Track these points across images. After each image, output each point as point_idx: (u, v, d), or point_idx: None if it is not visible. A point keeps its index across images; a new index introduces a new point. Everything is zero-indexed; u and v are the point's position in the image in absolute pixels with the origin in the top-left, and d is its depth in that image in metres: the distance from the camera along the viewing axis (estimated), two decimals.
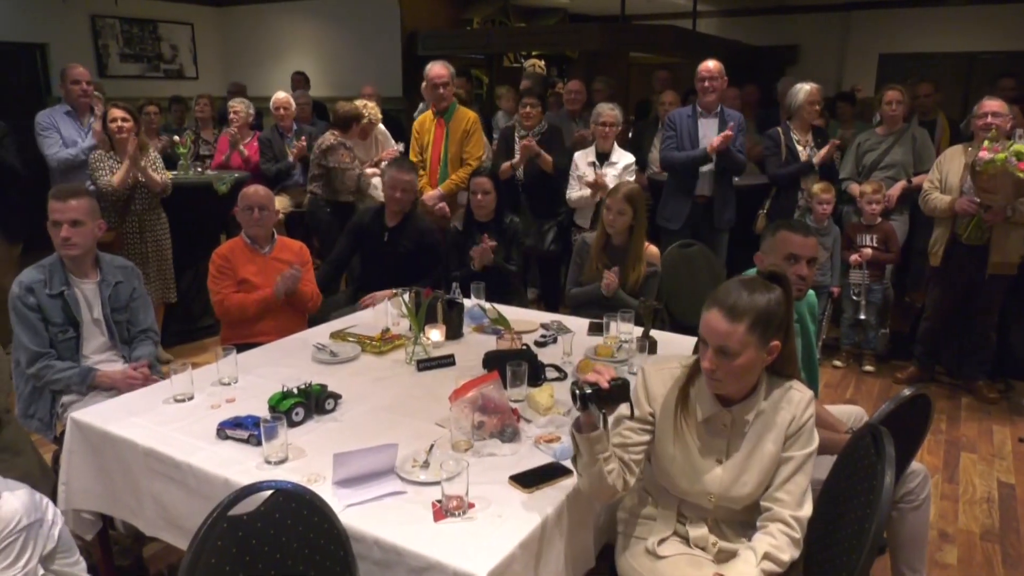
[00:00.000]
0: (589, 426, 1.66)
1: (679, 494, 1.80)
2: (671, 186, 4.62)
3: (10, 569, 1.52)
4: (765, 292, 1.66)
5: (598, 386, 1.62)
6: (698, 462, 1.75)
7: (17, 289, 2.60)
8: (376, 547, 1.62)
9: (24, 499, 1.56)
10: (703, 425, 1.75)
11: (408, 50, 7.80)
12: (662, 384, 1.79)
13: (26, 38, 7.37)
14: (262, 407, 2.14)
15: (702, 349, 1.70)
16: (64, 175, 4.36)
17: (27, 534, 1.54)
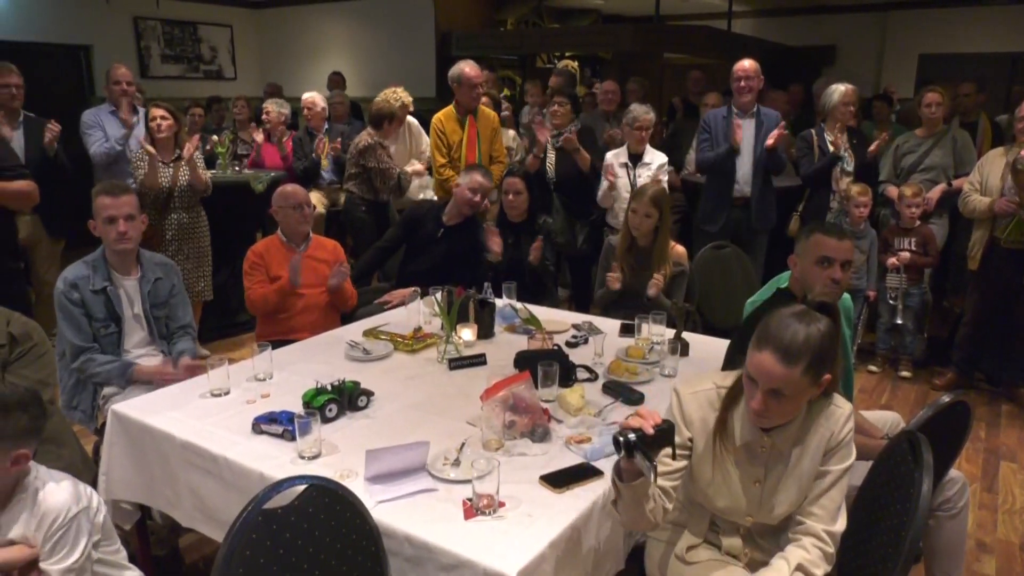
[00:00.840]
0: (632, 474, 1.54)
1: (715, 512, 1.78)
2: (709, 189, 4.59)
3: (67, 559, 1.57)
4: (819, 328, 1.57)
5: (642, 432, 1.48)
6: (736, 485, 1.72)
7: (62, 285, 2.68)
8: (407, 543, 1.63)
9: (70, 489, 1.61)
10: (741, 449, 1.71)
11: (442, 50, 7.85)
12: (698, 408, 1.74)
13: (71, 40, 7.57)
14: (296, 403, 2.17)
15: (748, 386, 1.62)
16: (107, 170, 4.47)
17: (77, 523, 1.58)
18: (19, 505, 1.58)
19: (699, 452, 1.73)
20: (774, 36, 8.82)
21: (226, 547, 1.50)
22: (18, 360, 2.19)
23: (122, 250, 2.71)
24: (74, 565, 1.58)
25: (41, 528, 1.55)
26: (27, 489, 1.59)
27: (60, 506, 1.57)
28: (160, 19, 8.24)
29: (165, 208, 4.22)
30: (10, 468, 1.54)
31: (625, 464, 1.53)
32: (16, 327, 2.21)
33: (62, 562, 1.56)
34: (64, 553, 1.57)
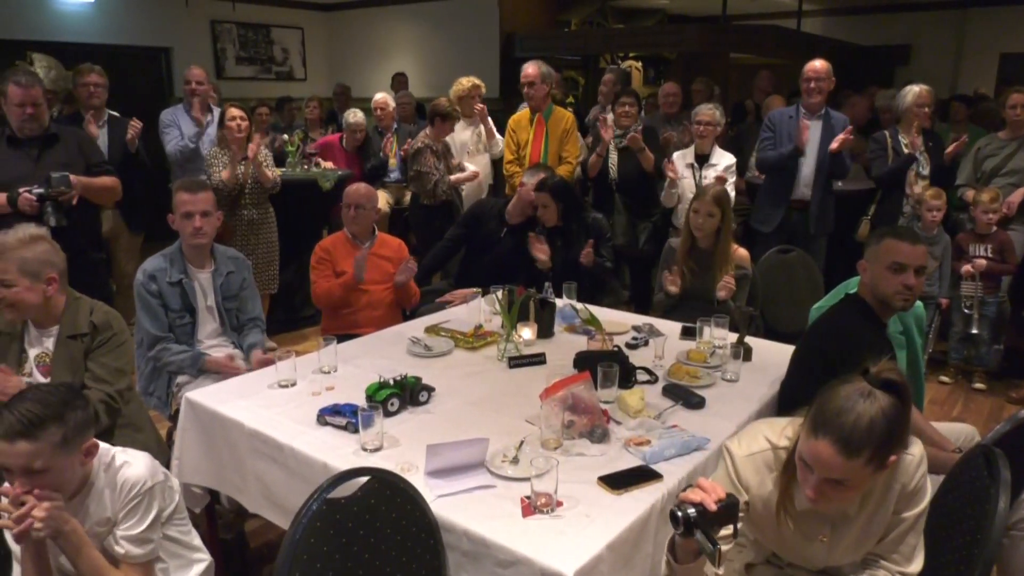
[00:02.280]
0: (688, 553, 1.43)
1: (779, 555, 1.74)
2: (766, 188, 4.49)
3: (135, 528, 1.64)
4: (883, 409, 1.41)
5: (703, 507, 1.36)
6: (799, 543, 1.65)
7: (141, 276, 2.81)
8: (465, 538, 1.66)
9: (147, 464, 1.68)
10: (803, 513, 1.61)
11: (506, 51, 7.89)
12: (755, 473, 1.62)
13: (152, 43, 7.90)
14: (359, 396, 2.22)
15: (802, 471, 1.49)
16: (183, 167, 4.65)
17: (151, 495, 1.65)
18: (102, 487, 1.65)
19: (758, 514, 1.65)
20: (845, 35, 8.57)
21: (292, 533, 1.55)
22: (99, 348, 2.28)
23: (197, 244, 2.83)
24: (140, 535, 1.64)
25: (117, 498, 1.62)
26: (109, 470, 1.66)
27: (136, 478, 1.64)
28: (235, 22, 8.52)
29: (236, 204, 4.37)
30: (85, 460, 1.60)
31: (682, 542, 1.41)
32: (98, 316, 2.31)
33: (129, 530, 1.63)
34: (133, 522, 1.63)
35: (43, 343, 2.28)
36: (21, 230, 2.23)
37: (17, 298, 2.16)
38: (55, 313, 2.26)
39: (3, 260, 2.14)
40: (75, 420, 1.53)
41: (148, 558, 1.68)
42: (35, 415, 1.48)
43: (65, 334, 2.26)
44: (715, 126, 4.37)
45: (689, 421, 2.13)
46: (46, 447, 1.48)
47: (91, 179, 3.39)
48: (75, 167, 3.34)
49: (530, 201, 3.71)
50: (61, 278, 2.26)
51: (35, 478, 1.50)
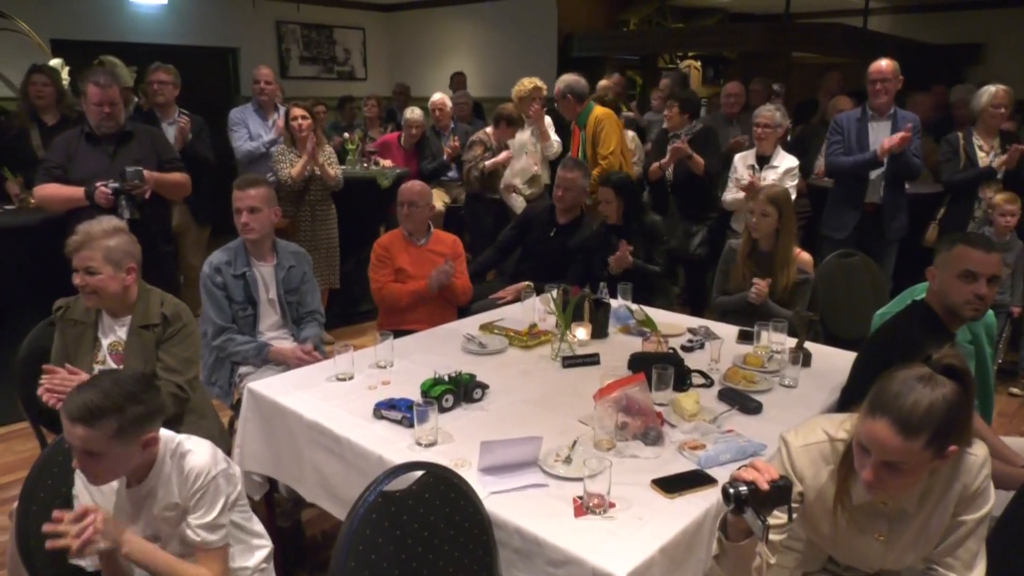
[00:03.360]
0: (739, 530, 1.43)
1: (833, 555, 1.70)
2: (837, 194, 4.38)
3: (206, 515, 1.70)
4: (944, 394, 1.39)
5: (755, 485, 1.36)
6: (855, 540, 1.61)
7: (207, 269, 2.90)
8: (517, 536, 1.67)
9: (210, 452, 1.73)
10: (859, 507, 1.58)
11: (564, 51, 7.88)
12: (810, 464, 1.60)
13: (220, 43, 8.15)
14: (415, 391, 2.25)
15: (860, 454, 1.47)
16: (248, 166, 4.79)
17: (216, 483, 1.70)
18: (169, 472, 1.71)
19: (812, 506, 1.62)
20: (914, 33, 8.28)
21: (349, 524, 1.59)
22: (170, 339, 2.37)
23: (248, 239, 2.91)
24: (212, 522, 1.69)
25: (184, 487, 1.68)
26: (174, 456, 1.72)
27: (201, 467, 1.69)
28: (300, 23, 8.72)
29: (301, 201, 4.47)
30: (143, 454, 1.65)
31: (733, 519, 1.42)
32: (168, 308, 2.39)
33: (202, 518, 1.68)
34: (203, 510, 1.68)
35: (116, 332, 2.38)
36: (105, 221, 2.33)
37: (100, 285, 2.25)
38: (129, 303, 2.36)
39: (89, 248, 2.23)
40: (134, 414, 1.57)
41: (222, 543, 1.73)
42: (95, 405, 1.53)
43: (137, 324, 2.34)
44: (776, 127, 4.29)
45: (745, 426, 2.10)
46: (101, 435, 1.53)
47: (163, 175, 3.52)
48: (148, 163, 3.48)
49: (557, 198, 3.73)
50: (138, 269, 2.35)
51: (92, 459, 1.56)
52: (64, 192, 3.36)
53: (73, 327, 2.37)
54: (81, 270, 2.25)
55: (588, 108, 4.62)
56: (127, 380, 1.62)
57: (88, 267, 2.24)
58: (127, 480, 1.72)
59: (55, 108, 4.30)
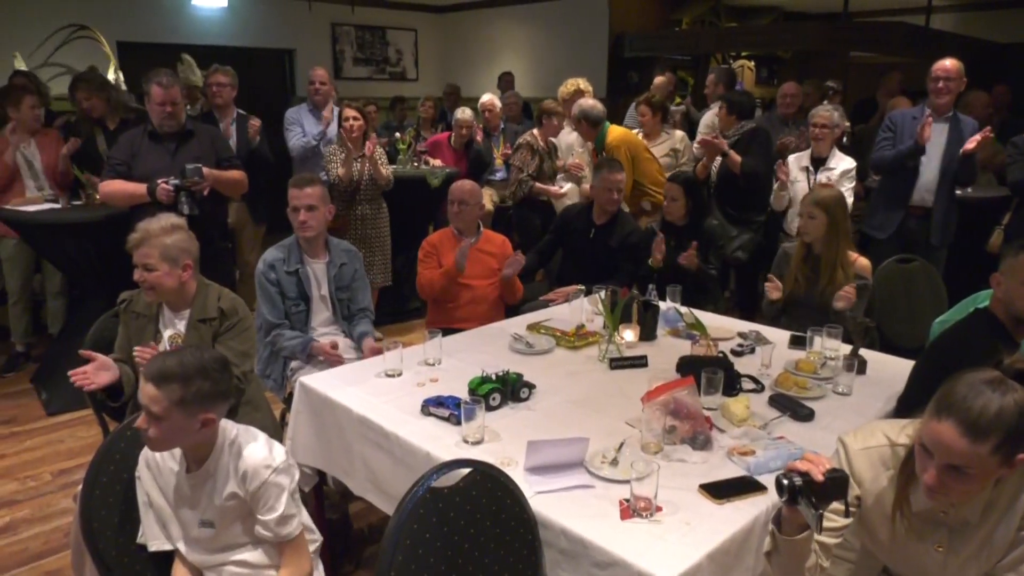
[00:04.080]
0: (793, 524, 1.40)
1: (889, 566, 1.65)
2: (882, 191, 4.25)
3: (273, 511, 1.72)
4: (1015, 400, 1.33)
5: (809, 476, 1.34)
6: (913, 549, 1.56)
7: (262, 265, 2.98)
8: (563, 536, 1.66)
9: (265, 450, 1.76)
10: (919, 515, 1.53)
11: (615, 52, 7.84)
12: (869, 468, 1.56)
13: (277, 44, 8.33)
14: (462, 389, 2.27)
15: (922, 456, 1.41)
16: (303, 164, 4.89)
17: (276, 479, 1.72)
18: (226, 462, 1.74)
19: (869, 510, 1.58)
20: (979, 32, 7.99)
21: (397, 518, 1.60)
22: (227, 332, 2.43)
23: (304, 237, 2.97)
24: (281, 516, 1.72)
25: (244, 485, 1.72)
26: (232, 448, 1.75)
27: (256, 465, 1.71)
28: (354, 24, 8.86)
29: (352, 200, 4.55)
30: (200, 430, 1.68)
31: (787, 512, 1.40)
32: (225, 302, 2.46)
33: (270, 514, 1.71)
34: (269, 507, 1.71)
35: (176, 325, 2.45)
36: (163, 218, 2.40)
37: (157, 281, 2.33)
38: (187, 297, 2.43)
39: (147, 246, 2.31)
40: (198, 388, 1.63)
41: (297, 531, 1.76)
42: (168, 369, 1.62)
43: (196, 317, 2.42)
44: (833, 128, 4.19)
45: (797, 433, 2.06)
46: (165, 399, 1.60)
47: (221, 172, 3.61)
48: (207, 161, 3.58)
49: (612, 200, 3.72)
50: (195, 265, 2.42)
51: (153, 421, 1.63)
52: (127, 188, 3.49)
53: (136, 319, 2.46)
54: (140, 266, 2.32)
55: (603, 132, 4.58)
56: (206, 357, 1.68)
57: (146, 264, 2.31)
58: (187, 464, 1.76)
59: (112, 113, 4.46)
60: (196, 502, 1.77)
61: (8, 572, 2.66)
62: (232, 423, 1.81)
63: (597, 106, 4.59)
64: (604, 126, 4.58)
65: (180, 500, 1.78)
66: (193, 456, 1.75)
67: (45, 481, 3.27)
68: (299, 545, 1.78)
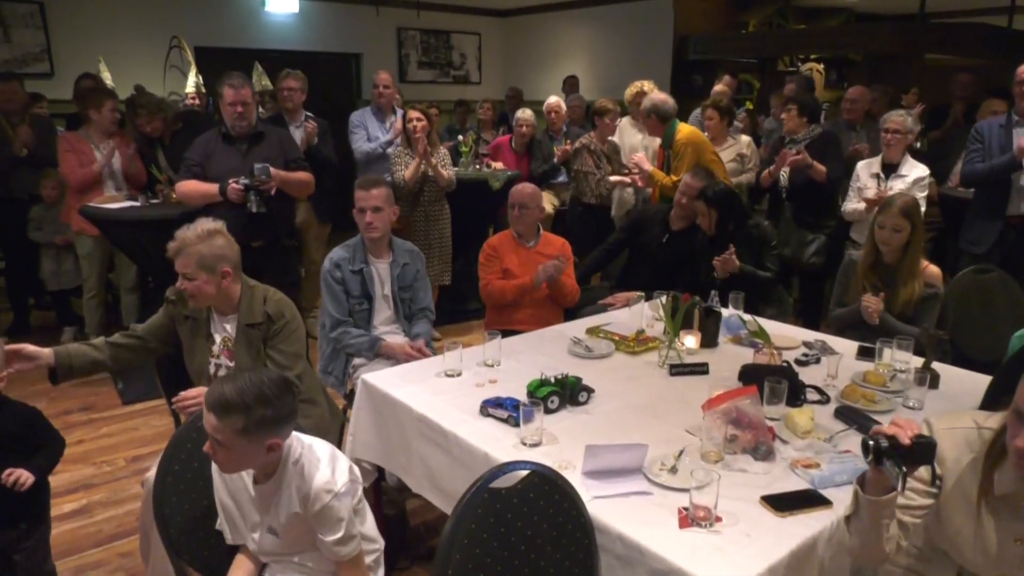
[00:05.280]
0: (878, 487, 1.42)
1: (963, 564, 1.59)
2: (977, 205, 4.08)
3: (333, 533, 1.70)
4: None
5: (896, 440, 1.36)
6: (991, 539, 1.50)
7: (327, 264, 3.05)
8: (619, 542, 1.65)
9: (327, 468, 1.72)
10: (1000, 499, 1.48)
11: (678, 55, 7.76)
12: (953, 447, 1.52)
13: (345, 49, 8.53)
14: (521, 391, 2.28)
15: (1014, 423, 1.37)
16: (367, 166, 4.99)
17: (336, 503, 1.70)
18: (290, 479, 1.75)
19: (948, 495, 1.53)
20: None
21: (455, 517, 1.63)
22: (276, 336, 2.45)
23: (370, 237, 3.02)
24: (342, 538, 1.72)
25: (306, 506, 1.72)
26: (296, 466, 1.75)
27: (318, 489, 1.69)
28: (419, 29, 9.01)
29: (416, 201, 4.62)
30: (267, 455, 1.68)
31: (872, 474, 1.41)
32: (271, 307, 2.46)
33: (330, 535, 1.71)
34: (328, 528, 1.71)
35: (225, 329, 2.48)
36: (200, 225, 2.38)
37: (197, 290, 2.34)
38: (232, 302, 2.44)
39: (184, 255, 2.32)
40: (260, 416, 1.60)
41: (356, 551, 1.76)
42: (228, 400, 1.60)
43: (243, 323, 2.43)
44: (905, 134, 4.05)
45: None
46: (228, 429, 1.60)
47: (288, 173, 3.72)
48: (276, 162, 3.69)
49: (677, 203, 3.68)
50: (235, 271, 2.40)
51: (219, 448, 1.64)
52: (201, 188, 3.62)
53: (187, 322, 2.48)
54: (180, 275, 2.34)
55: (672, 129, 4.51)
56: (265, 382, 1.64)
57: (184, 273, 2.33)
58: (255, 476, 1.78)
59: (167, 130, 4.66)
60: (263, 511, 1.80)
61: (83, 552, 2.79)
62: (299, 439, 1.79)
63: (668, 101, 4.54)
64: (673, 123, 4.53)
65: (248, 507, 1.83)
66: (260, 471, 1.77)
67: (119, 467, 3.42)
68: (358, 563, 1.79)
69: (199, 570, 1.91)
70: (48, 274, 4.91)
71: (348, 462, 1.82)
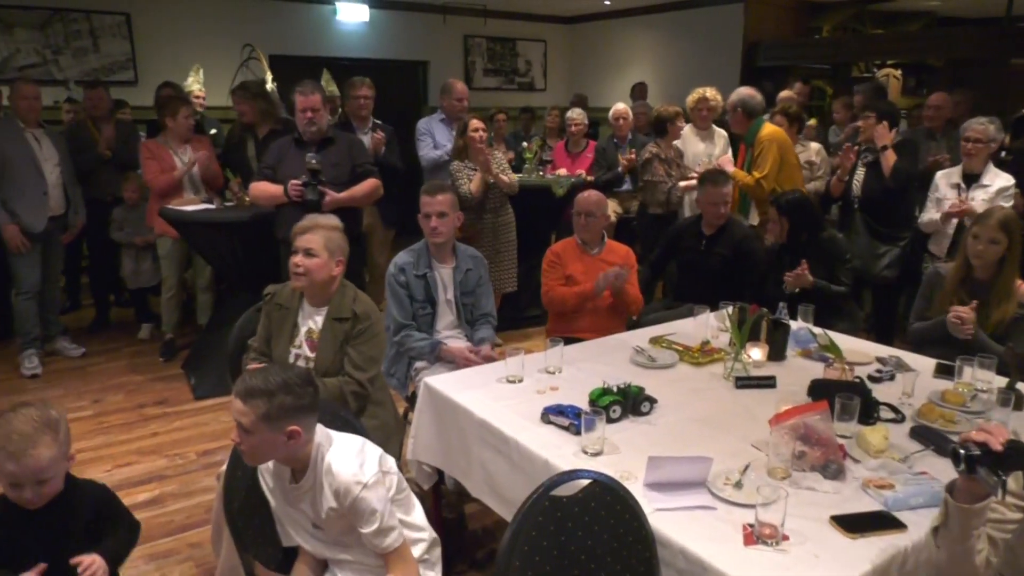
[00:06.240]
0: (969, 495, 1.38)
1: None
2: None
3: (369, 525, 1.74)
4: None
5: (987, 447, 1.32)
6: None
7: (392, 268, 3.10)
8: (681, 556, 1.62)
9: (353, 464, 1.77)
10: None
11: (748, 61, 7.61)
12: None
13: (413, 56, 8.67)
14: (582, 399, 2.26)
15: None
16: (432, 173, 5.04)
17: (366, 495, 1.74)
18: (320, 477, 1.79)
19: None
20: None
21: (516, 523, 1.62)
22: (359, 336, 2.52)
23: (435, 242, 3.05)
24: (380, 528, 1.76)
25: (339, 501, 1.76)
26: (323, 463, 1.79)
27: (347, 482, 1.74)
28: (486, 36, 9.09)
29: (481, 210, 4.64)
30: (288, 443, 1.73)
31: (963, 482, 1.37)
32: (360, 306, 2.55)
33: (367, 528, 1.76)
34: (365, 522, 1.76)
35: (314, 319, 2.57)
36: (330, 216, 2.59)
37: (313, 268, 2.45)
38: (329, 293, 2.54)
39: (314, 232, 2.46)
40: (281, 403, 1.69)
41: (399, 542, 1.80)
42: (254, 386, 1.69)
43: (332, 316, 2.53)
44: (988, 143, 3.87)
45: (941, 470, 1.90)
46: (252, 413, 1.68)
47: (348, 193, 3.75)
48: (343, 166, 3.79)
49: (720, 214, 3.67)
50: (345, 264, 2.55)
51: (244, 435, 1.71)
52: (269, 189, 3.76)
53: (278, 311, 2.60)
54: (301, 251, 2.45)
55: (757, 125, 4.40)
56: (290, 374, 1.74)
57: (308, 248, 2.44)
58: (293, 474, 1.83)
59: (261, 122, 4.78)
60: (304, 509, 1.85)
61: (155, 541, 2.90)
62: (327, 437, 1.83)
63: (756, 96, 4.43)
64: (759, 120, 4.43)
65: (291, 506, 1.87)
66: (290, 463, 1.82)
67: (190, 459, 3.54)
68: (403, 555, 1.81)
69: (264, 564, 1.96)
70: (128, 273, 5.14)
71: (379, 453, 1.86)
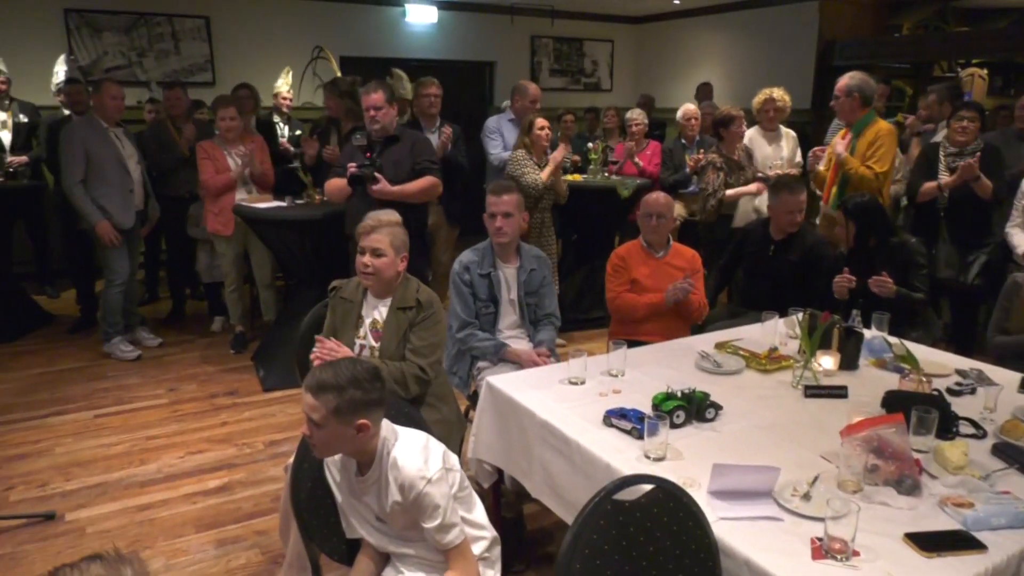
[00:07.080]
0: None
1: None
2: None
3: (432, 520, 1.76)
4: None
5: None
6: None
7: (457, 267, 3.12)
8: (746, 567, 1.59)
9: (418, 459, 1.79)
10: None
11: (822, 60, 7.40)
12: None
13: (480, 57, 8.73)
14: (645, 403, 2.23)
15: None
16: (499, 173, 5.07)
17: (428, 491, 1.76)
18: (386, 470, 1.82)
19: None
20: None
21: (577, 527, 1.61)
22: (422, 323, 2.57)
23: (499, 242, 3.07)
24: (442, 524, 1.78)
25: (403, 495, 1.79)
26: (388, 458, 1.82)
27: (412, 477, 1.77)
28: (552, 36, 9.09)
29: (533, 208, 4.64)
30: (356, 436, 1.76)
31: None
32: (423, 295, 2.60)
33: (429, 523, 1.78)
34: (428, 517, 1.78)
35: (378, 310, 2.62)
36: (391, 212, 2.62)
37: (382, 267, 2.50)
38: (394, 287, 2.59)
39: (380, 232, 2.50)
40: (351, 397, 1.71)
41: (460, 539, 1.82)
42: (324, 381, 1.72)
43: (396, 305, 2.57)
44: None
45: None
46: (323, 408, 1.71)
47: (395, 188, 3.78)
48: (403, 164, 3.85)
49: (794, 221, 3.57)
50: (408, 257, 2.60)
51: (315, 428, 1.74)
52: (338, 184, 3.88)
53: (342, 304, 2.66)
54: (368, 251, 2.50)
55: (869, 116, 4.12)
56: (359, 369, 1.76)
57: (376, 248, 2.49)
58: (359, 467, 1.87)
59: (345, 118, 4.88)
60: (369, 501, 1.88)
61: (223, 527, 2.99)
62: (393, 432, 1.86)
63: (872, 83, 4.14)
64: (872, 112, 4.16)
65: (355, 498, 1.91)
66: (358, 457, 1.85)
67: (258, 449, 3.65)
68: (464, 551, 1.83)
69: (329, 555, 2.00)
70: (203, 267, 5.33)
71: (442, 449, 1.88)
